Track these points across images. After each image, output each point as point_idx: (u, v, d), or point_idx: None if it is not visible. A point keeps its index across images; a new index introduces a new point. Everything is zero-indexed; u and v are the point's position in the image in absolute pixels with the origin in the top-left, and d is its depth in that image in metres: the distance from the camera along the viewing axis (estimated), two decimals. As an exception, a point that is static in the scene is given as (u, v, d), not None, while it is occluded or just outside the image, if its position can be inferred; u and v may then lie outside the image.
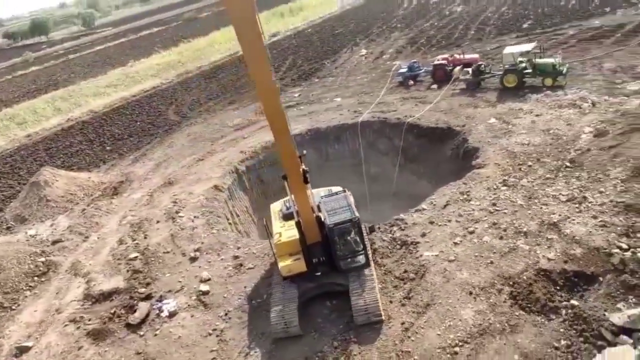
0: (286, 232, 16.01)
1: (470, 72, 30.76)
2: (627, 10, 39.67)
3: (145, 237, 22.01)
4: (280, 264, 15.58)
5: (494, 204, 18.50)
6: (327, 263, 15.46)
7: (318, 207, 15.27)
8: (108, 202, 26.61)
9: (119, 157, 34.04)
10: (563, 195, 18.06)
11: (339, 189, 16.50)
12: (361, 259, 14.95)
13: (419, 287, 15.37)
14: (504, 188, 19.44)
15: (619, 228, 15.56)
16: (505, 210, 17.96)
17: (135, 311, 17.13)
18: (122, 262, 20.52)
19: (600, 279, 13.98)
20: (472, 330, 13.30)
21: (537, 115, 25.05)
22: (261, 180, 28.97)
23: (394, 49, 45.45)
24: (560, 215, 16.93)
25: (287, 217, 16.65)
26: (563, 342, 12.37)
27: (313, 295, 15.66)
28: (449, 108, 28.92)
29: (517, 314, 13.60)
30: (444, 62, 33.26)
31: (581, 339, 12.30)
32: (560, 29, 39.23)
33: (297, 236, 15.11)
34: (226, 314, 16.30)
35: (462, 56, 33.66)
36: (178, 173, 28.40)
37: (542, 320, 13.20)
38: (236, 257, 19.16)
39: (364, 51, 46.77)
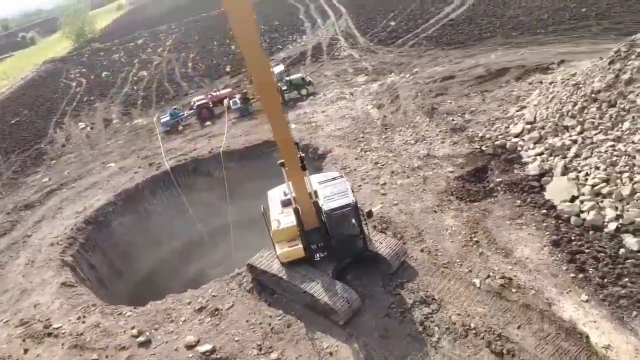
0: (284, 218, 15.78)
1: (239, 101, 33.71)
2: (295, 45, 50.87)
3: (35, 370, 15.40)
4: (279, 251, 15.44)
5: (376, 163, 22.39)
6: (325, 248, 15.74)
7: (315, 192, 15.43)
8: None
9: None
10: (409, 141, 23.63)
11: (336, 174, 16.74)
12: (359, 243, 15.33)
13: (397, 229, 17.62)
14: (367, 153, 23.58)
15: (463, 140, 22.11)
16: (389, 162, 22.11)
17: None
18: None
19: (489, 166, 19.87)
20: (468, 224, 16.77)
21: (323, 112, 30.45)
22: (92, 266, 23.60)
23: (116, 115, 43.18)
24: (424, 150, 22.33)
25: (285, 203, 16.27)
26: (518, 202, 17.37)
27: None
28: (245, 131, 31.07)
29: (475, 204, 17.88)
30: (205, 101, 34.96)
31: (524, 194, 17.59)
32: (260, 64, 46.73)
33: (295, 222, 14.98)
34: (260, 346, 14.19)
35: (217, 93, 36.18)
36: (-26, 302, 20.02)
37: (493, 199, 17.94)
38: (203, 309, 16.28)
39: (81, 124, 42.44)
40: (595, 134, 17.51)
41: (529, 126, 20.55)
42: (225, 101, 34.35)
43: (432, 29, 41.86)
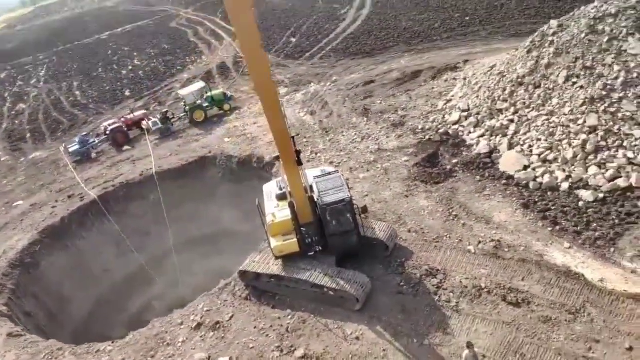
0: (279, 212, 15.70)
1: (159, 121, 32.06)
2: (197, 65, 49.68)
3: None
4: (273, 244, 15.40)
5: (331, 162, 22.90)
6: (320, 243, 15.74)
7: (311, 187, 15.41)
8: None
9: None
10: (356, 139, 24.59)
11: (331, 169, 16.63)
12: (354, 239, 15.41)
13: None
14: (318, 155, 24.04)
15: (406, 133, 23.66)
16: (344, 160, 22.79)
17: None
18: None
19: (439, 152, 21.56)
20: (442, 202, 18.02)
21: (255, 124, 30.28)
22: (28, 314, 20.55)
23: (3, 152, 38.06)
24: (374, 145, 23.43)
25: (280, 197, 16.10)
26: (478, 178, 19.09)
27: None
28: (174, 150, 29.59)
29: (441, 185, 19.26)
30: (119, 125, 32.60)
31: (481, 170, 19.39)
32: (165, 85, 44.91)
33: (290, 216, 14.95)
34: (280, 348, 13.73)
35: (132, 115, 33.88)
36: None
37: (455, 179, 19.47)
38: (200, 325, 15.22)
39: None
40: (529, 112, 20.03)
41: (465, 114, 22.71)
42: (144, 122, 32.39)
43: (336, 42, 43.95)
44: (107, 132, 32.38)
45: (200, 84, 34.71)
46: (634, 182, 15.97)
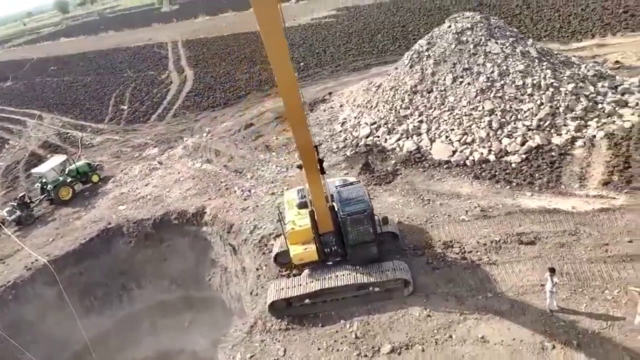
0: (299, 220, 15.57)
1: (16, 208, 26.33)
2: (9, 150, 41.91)
3: None
4: (292, 252, 15.44)
5: (272, 194, 22.58)
6: (339, 253, 15.76)
7: (332, 196, 15.28)
8: None
9: None
10: (281, 170, 24.82)
11: (353, 179, 16.27)
12: (373, 249, 15.12)
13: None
14: (252, 192, 23.33)
15: (327, 154, 25.02)
16: (286, 188, 22.61)
17: None
18: None
19: (369, 160, 23.48)
20: (408, 194, 19.80)
21: (147, 185, 27.49)
22: None
23: None
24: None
25: (301, 205, 15.90)
26: (422, 169, 21.52)
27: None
28: (53, 234, 24.62)
29: (395, 183, 21.05)
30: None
31: (419, 163, 21.91)
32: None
33: (310, 225, 14.97)
34: (361, 354, 13.20)
35: (-29, 209, 26.76)
36: None
37: (403, 175, 21.48)
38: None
39: None
40: (432, 112, 23.65)
41: (374, 126, 25.32)
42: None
43: (179, 101, 42.99)
44: (-60, 237, 24.97)
45: (60, 158, 29.81)
46: (539, 142, 20.48)
